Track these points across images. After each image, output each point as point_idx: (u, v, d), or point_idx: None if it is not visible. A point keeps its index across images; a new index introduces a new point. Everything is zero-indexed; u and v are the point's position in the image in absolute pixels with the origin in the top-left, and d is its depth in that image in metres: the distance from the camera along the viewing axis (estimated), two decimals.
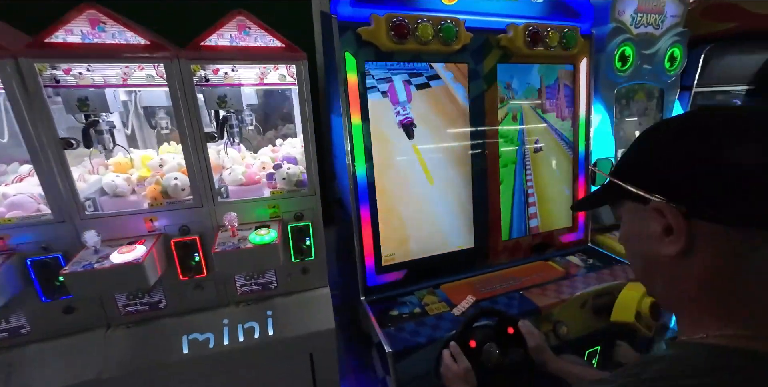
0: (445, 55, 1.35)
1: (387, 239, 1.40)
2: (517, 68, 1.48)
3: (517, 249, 1.68)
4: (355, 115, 1.26)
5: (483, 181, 1.53)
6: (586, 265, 1.67)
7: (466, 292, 1.43)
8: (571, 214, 1.79)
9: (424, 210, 1.46)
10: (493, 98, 1.46)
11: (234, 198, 1.21)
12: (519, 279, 1.54)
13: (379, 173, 1.34)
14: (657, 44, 1.72)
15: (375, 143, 1.31)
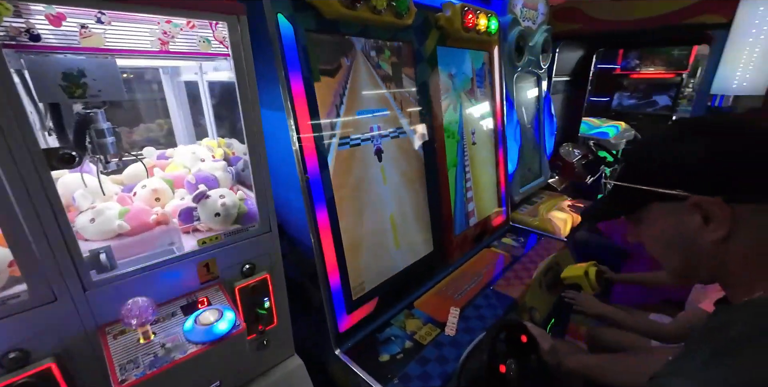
0: (392, 31, 1.12)
1: (353, 265, 1.10)
2: (453, 53, 1.38)
3: (465, 243, 1.63)
4: (301, 108, 0.90)
5: (436, 180, 1.39)
6: (520, 243, 1.78)
7: (444, 304, 1.28)
8: (498, 197, 1.86)
9: (384, 218, 1.22)
10: (436, 85, 1.32)
11: (125, 268, 0.68)
12: (479, 273, 1.50)
13: (338, 185, 1.02)
14: (535, 38, 1.92)
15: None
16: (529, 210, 2.12)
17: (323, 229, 0.97)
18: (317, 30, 0.93)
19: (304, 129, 0.91)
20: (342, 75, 1.01)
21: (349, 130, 1.05)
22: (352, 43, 1.03)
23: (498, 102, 1.70)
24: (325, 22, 0.93)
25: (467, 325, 1.19)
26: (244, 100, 0.70)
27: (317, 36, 0.94)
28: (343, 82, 1.02)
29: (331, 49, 0.99)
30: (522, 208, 2.13)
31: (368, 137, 1.12)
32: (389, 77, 1.15)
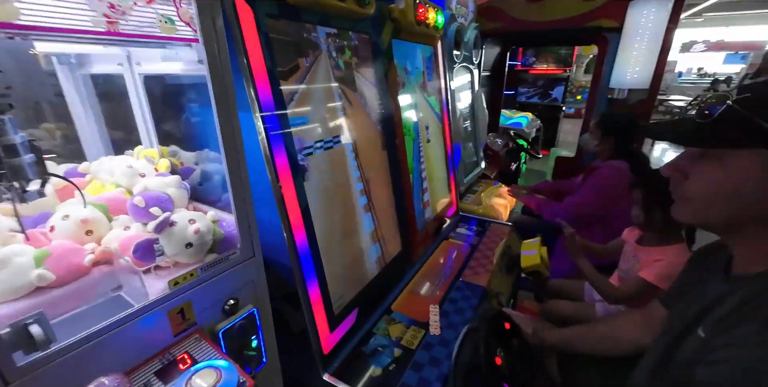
0: (353, 21, 1.03)
1: (333, 278, 1.01)
2: (407, 47, 1.34)
3: (427, 237, 1.64)
4: (269, 107, 0.77)
5: (399, 179, 1.35)
6: (473, 232, 1.86)
7: (421, 303, 1.27)
8: (448, 190, 1.91)
9: (357, 223, 1.15)
10: (394, 80, 1.27)
11: (65, 338, 0.48)
12: (445, 267, 1.52)
13: (312, 193, 0.91)
14: (467, 34, 2.00)
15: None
16: (473, 199, 2.24)
17: (301, 244, 0.86)
18: (279, 16, 0.80)
19: (274, 131, 0.79)
20: (303, 71, 0.90)
21: (318, 133, 0.95)
22: (314, 32, 0.92)
23: (444, 96, 1.73)
24: (287, 7, 0.81)
25: (449, 321, 1.20)
26: (219, 98, 0.56)
27: (278, 23, 0.81)
28: (304, 77, 0.91)
29: (295, 39, 0.87)
30: (466, 197, 2.24)
31: (338, 140, 1.02)
32: (351, 73, 1.07)
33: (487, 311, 1.13)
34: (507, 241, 1.78)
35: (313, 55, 0.92)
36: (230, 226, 0.66)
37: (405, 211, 1.40)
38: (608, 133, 1.71)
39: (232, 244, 0.65)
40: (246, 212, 0.64)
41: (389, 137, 1.25)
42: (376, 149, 1.22)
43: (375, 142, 1.20)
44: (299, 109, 0.88)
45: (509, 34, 2.38)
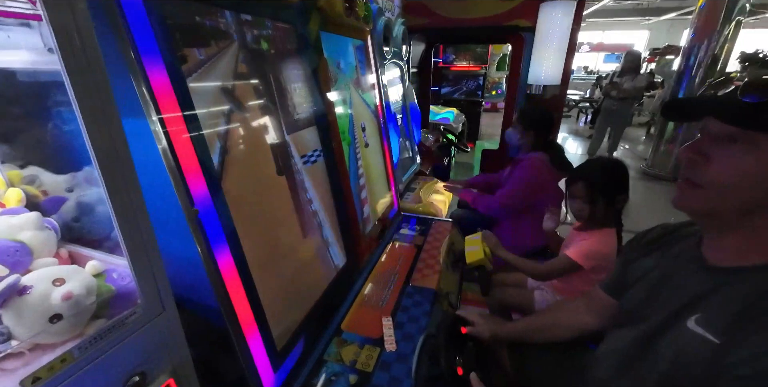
0: (273, 8, 0.89)
1: (273, 309, 0.86)
2: (337, 40, 1.22)
3: (371, 243, 1.56)
4: (168, 109, 0.61)
5: (339, 185, 1.24)
6: (417, 231, 1.83)
7: (372, 317, 1.19)
8: (389, 190, 1.85)
9: (297, 239, 1.02)
10: (325, 76, 1.15)
11: None
12: (393, 272, 1.46)
13: (238, 212, 0.76)
14: (395, 29, 1.95)
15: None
16: (412, 197, 2.22)
17: (230, 279, 0.71)
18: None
19: (180, 140, 0.63)
20: (212, 64, 0.74)
21: (238, 138, 0.80)
22: (225, 18, 0.76)
23: (378, 93, 1.66)
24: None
25: (404, 332, 1.14)
26: (85, 99, 0.39)
27: (178, 4, 0.65)
28: (224, 71, 0.75)
29: (200, 24, 0.70)
30: (406, 196, 2.21)
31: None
32: (275, 68, 0.93)
33: (443, 319, 1.09)
34: (450, 238, 1.79)
35: (223, 45, 0.76)
36: (125, 275, 0.49)
37: (347, 219, 1.30)
38: (528, 127, 1.82)
39: (130, 300, 0.48)
40: (146, 253, 0.47)
41: (324, 142, 1.13)
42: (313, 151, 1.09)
43: (307, 147, 1.07)
44: (213, 108, 0.72)
45: (434, 30, 2.40)
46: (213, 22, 0.73)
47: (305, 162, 1.01)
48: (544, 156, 1.81)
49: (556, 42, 2.12)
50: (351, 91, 1.36)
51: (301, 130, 1.02)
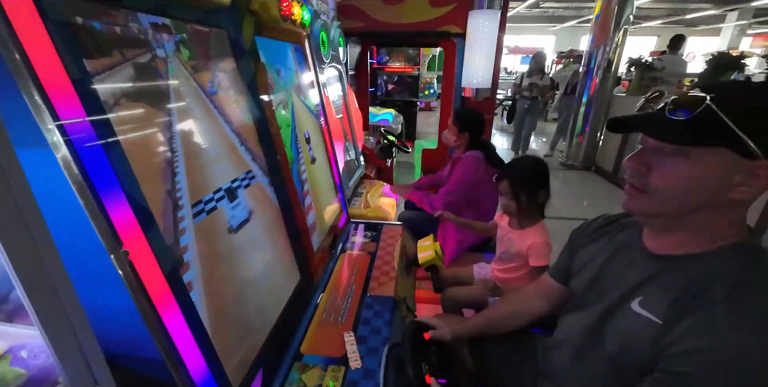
0: (201, 13, 0.79)
1: (224, 346, 0.77)
2: (275, 46, 1.14)
3: (324, 256, 1.51)
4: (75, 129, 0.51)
5: (287, 200, 1.17)
6: (368, 238, 1.81)
7: (333, 334, 1.14)
8: (337, 198, 1.80)
9: (247, 265, 0.94)
10: (264, 85, 1.07)
11: None
12: (349, 284, 1.42)
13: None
14: (331, 32, 1.89)
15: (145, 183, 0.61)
16: (359, 202, 2.20)
17: (175, 327, 0.61)
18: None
19: (96, 165, 0.53)
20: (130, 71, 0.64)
21: (166, 158, 0.70)
22: (140, 22, 0.66)
23: (320, 99, 1.60)
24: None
25: (368, 346, 1.11)
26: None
27: (79, 5, 0.54)
28: (144, 82, 0.65)
29: (109, 30, 0.60)
30: (353, 201, 2.18)
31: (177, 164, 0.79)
32: (206, 76, 0.83)
33: (406, 328, 1.09)
34: (402, 242, 1.80)
35: (140, 53, 0.66)
36: (38, 351, 0.39)
37: (297, 235, 1.23)
38: (463, 128, 1.93)
39: (49, 378, 0.38)
40: (66, 316, 0.38)
41: (268, 158, 1.05)
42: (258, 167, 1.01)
43: (246, 166, 0.98)
44: (133, 126, 0.62)
45: (370, 33, 2.39)
46: (124, 28, 0.63)
47: (242, 186, 0.93)
48: (479, 154, 1.94)
49: (485, 48, 2.24)
50: (293, 98, 1.29)
51: (241, 146, 0.94)
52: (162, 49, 0.68)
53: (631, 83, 5.07)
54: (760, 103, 0.54)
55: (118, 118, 0.57)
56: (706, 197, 0.58)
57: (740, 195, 0.57)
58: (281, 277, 1.12)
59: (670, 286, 0.63)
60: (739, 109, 0.53)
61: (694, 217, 0.62)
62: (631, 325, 0.66)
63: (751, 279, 0.57)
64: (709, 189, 0.58)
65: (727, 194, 0.57)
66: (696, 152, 0.57)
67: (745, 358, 0.51)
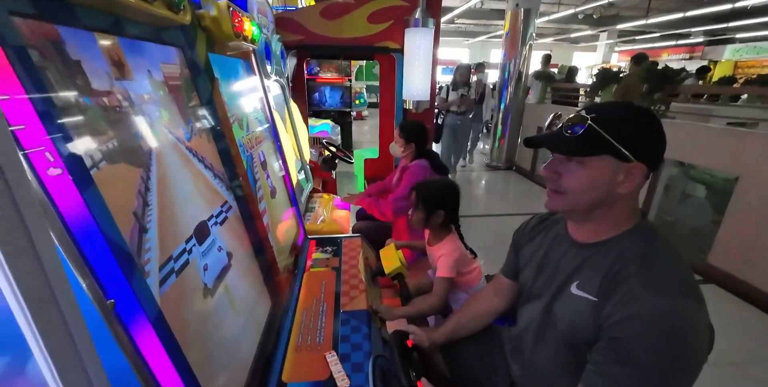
0: (156, 31, 0.73)
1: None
2: (227, 62, 1.09)
3: (288, 277, 1.45)
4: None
5: (254, 227, 1.11)
6: (329, 253, 1.78)
7: (314, 357, 1.10)
8: (294, 217, 1.74)
9: (221, 299, 0.87)
10: (221, 105, 1.01)
11: None
12: (319, 302, 1.39)
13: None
14: (273, 46, 1.85)
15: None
16: (313, 216, 2.15)
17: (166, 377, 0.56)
18: (35, 16, 0.46)
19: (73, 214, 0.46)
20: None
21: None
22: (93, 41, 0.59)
23: (269, 115, 1.54)
24: (55, 5, 0.48)
25: (352, 363, 1.10)
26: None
27: (31, 25, 0.47)
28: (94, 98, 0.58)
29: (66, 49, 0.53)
30: (307, 217, 2.13)
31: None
32: (166, 99, 0.77)
33: (392, 337, 1.10)
34: (363, 253, 1.81)
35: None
36: None
37: (266, 261, 1.18)
38: (409, 140, 2.04)
39: None
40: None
41: (234, 182, 1.00)
42: (216, 197, 0.94)
43: (216, 201, 0.91)
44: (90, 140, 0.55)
45: (310, 47, 2.38)
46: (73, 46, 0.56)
47: (216, 223, 0.86)
48: (425, 162, 2.05)
49: (422, 62, 2.38)
50: (247, 116, 1.24)
51: (215, 179, 0.88)
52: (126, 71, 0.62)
53: (536, 93, 5.76)
54: (626, 119, 0.71)
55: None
56: (603, 193, 0.73)
57: (625, 190, 0.71)
58: (254, 306, 1.06)
59: (597, 268, 0.76)
60: (612, 125, 0.69)
61: (597, 210, 0.76)
62: (573, 305, 0.79)
63: (652, 252, 0.71)
64: (603, 187, 0.72)
65: (616, 190, 0.71)
66: (589, 160, 0.71)
67: (663, 316, 0.64)
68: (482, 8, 11.19)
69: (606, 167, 0.71)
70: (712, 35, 13.65)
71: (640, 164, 0.70)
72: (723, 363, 1.95)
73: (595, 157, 0.71)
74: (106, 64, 0.59)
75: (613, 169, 0.71)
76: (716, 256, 2.73)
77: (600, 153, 0.70)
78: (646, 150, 0.70)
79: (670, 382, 0.64)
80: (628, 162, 0.69)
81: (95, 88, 0.55)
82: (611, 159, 0.70)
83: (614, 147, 0.69)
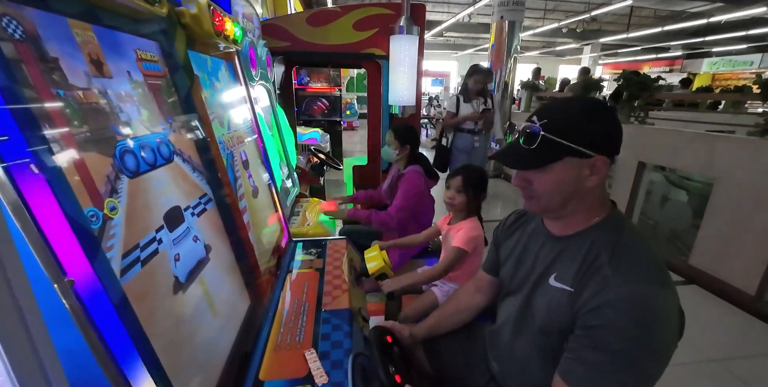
0: (132, 23, 0.74)
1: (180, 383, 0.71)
2: (209, 61, 1.10)
3: (270, 278, 1.44)
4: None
5: (234, 223, 1.10)
6: (314, 255, 1.77)
7: (293, 355, 1.08)
8: (278, 219, 1.74)
9: (197, 293, 0.86)
10: (201, 103, 1.02)
11: None
12: (301, 302, 1.38)
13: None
14: (258, 50, 1.87)
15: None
16: (299, 220, 2.14)
17: (132, 370, 0.54)
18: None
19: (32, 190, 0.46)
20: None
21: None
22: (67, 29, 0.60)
23: (253, 118, 1.56)
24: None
25: (332, 360, 1.09)
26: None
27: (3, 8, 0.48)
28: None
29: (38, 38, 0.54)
30: (292, 221, 2.12)
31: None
32: (146, 95, 0.77)
33: (372, 334, 1.10)
34: (348, 255, 1.80)
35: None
36: None
37: (245, 258, 1.17)
38: (404, 142, 2.04)
39: None
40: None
41: (213, 177, 1.00)
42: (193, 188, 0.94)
43: (194, 193, 0.91)
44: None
45: (296, 53, 2.42)
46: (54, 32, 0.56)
47: (193, 214, 0.86)
48: (419, 168, 2.05)
49: (407, 69, 2.43)
50: (229, 115, 1.25)
51: (194, 173, 0.88)
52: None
53: (521, 102, 5.91)
54: (578, 118, 0.73)
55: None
56: (573, 190, 0.76)
57: (593, 182, 0.74)
58: (232, 304, 1.04)
59: (572, 260, 0.78)
60: (565, 129, 0.72)
61: (569, 206, 0.79)
62: (551, 297, 0.80)
63: (622, 242, 0.74)
64: (571, 185, 0.75)
65: (584, 184, 0.74)
66: (552, 166, 0.74)
67: (632, 302, 0.67)
68: (470, 22, 11.52)
69: (570, 168, 0.73)
70: (690, 49, 14.23)
71: (602, 156, 0.72)
72: (705, 360, 1.98)
73: (557, 162, 0.73)
74: (81, 54, 0.60)
75: (577, 168, 0.73)
76: (697, 258, 2.78)
77: (560, 157, 0.73)
78: (603, 143, 0.73)
79: (641, 364, 0.66)
80: (589, 158, 0.72)
81: (70, 80, 0.56)
82: (573, 159, 0.72)
83: (572, 148, 0.71)
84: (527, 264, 0.92)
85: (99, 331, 0.49)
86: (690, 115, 4.62)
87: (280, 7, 5.15)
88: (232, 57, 1.41)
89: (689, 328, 0.81)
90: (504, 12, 5.23)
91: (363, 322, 1.39)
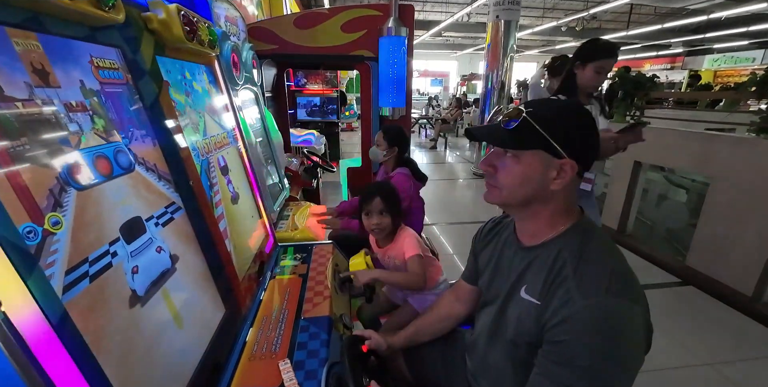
0: (89, 29, 0.72)
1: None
2: (181, 66, 1.08)
3: (251, 284, 1.42)
4: None
5: (207, 231, 1.09)
6: (299, 260, 1.75)
7: (266, 365, 1.06)
8: (262, 223, 1.72)
9: (159, 304, 0.84)
10: (170, 108, 1.00)
11: None
12: (281, 310, 1.36)
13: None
14: (243, 54, 1.86)
15: None
16: (287, 225, 2.12)
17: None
18: None
19: None
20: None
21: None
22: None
23: (235, 121, 1.54)
24: None
25: (306, 370, 1.07)
26: None
27: None
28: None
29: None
30: (280, 225, 2.10)
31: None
32: (101, 103, 0.76)
33: (344, 342, 1.08)
34: (333, 260, 1.78)
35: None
36: None
37: (220, 264, 1.15)
38: (392, 143, 2.03)
39: None
40: None
41: (183, 185, 0.98)
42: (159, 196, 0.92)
43: (159, 203, 0.89)
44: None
45: (284, 56, 2.40)
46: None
47: (157, 224, 0.84)
48: (406, 170, 2.04)
49: (397, 70, 2.41)
50: (206, 120, 1.23)
51: (160, 182, 0.86)
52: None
53: (521, 102, 5.88)
54: (561, 116, 0.72)
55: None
56: (536, 188, 0.74)
57: (557, 186, 0.73)
58: (203, 314, 1.02)
59: (539, 271, 0.77)
60: (546, 121, 0.70)
61: (533, 205, 0.77)
62: (521, 309, 0.79)
63: (586, 253, 0.72)
64: (536, 182, 0.73)
65: (549, 186, 0.73)
66: (523, 155, 0.73)
67: (594, 316, 0.65)
68: (468, 22, 11.49)
69: (539, 162, 0.72)
70: (691, 46, 14.13)
71: (571, 161, 0.71)
72: (698, 364, 1.94)
73: (528, 151, 0.72)
74: (21, 64, 0.58)
75: (546, 165, 0.72)
76: (693, 258, 2.74)
77: (534, 147, 0.72)
78: (577, 147, 0.72)
79: (608, 379, 0.64)
80: (560, 158, 0.71)
81: (6, 92, 0.54)
82: (544, 154, 0.71)
83: (547, 142, 0.70)
84: (501, 274, 0.90)
85: (30, 352, 0.48)
86: (689, 114, 4.57)
87: (276, 8, 5.14)
88: (211, 61, 1.39)
89: (684, 331, 0.79)
90: (500, 11, 5.20)
91: (344, 330, 1.36)
